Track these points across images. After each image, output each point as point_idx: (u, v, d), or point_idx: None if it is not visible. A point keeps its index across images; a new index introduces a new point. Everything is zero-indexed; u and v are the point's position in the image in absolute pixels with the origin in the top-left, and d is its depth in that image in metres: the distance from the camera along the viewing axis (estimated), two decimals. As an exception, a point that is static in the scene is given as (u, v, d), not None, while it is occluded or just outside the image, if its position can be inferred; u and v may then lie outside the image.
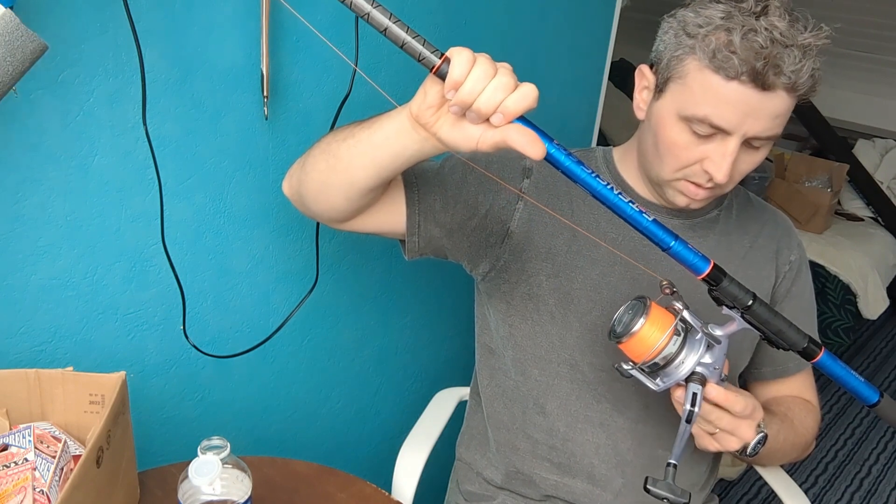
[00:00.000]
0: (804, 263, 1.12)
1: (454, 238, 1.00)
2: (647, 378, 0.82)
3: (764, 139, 0.88)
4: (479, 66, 0.66)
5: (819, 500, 2.45)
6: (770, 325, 0.77)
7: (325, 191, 0.88)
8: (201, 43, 1.00)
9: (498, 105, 0.67)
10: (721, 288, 0.76)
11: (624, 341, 0.80)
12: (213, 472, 0.80)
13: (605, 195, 0.72)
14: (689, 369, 0.79)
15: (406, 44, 0.67)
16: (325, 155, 0.86)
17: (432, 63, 0.67)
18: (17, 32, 0.68)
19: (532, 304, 1.04)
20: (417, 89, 0.73)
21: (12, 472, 0.82)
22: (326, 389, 1.42)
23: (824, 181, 3.37)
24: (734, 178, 0.93)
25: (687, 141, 0.89)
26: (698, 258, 0.74)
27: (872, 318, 3.09)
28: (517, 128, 0.68)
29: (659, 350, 0.79)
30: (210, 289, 1.15)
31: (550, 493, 1.10)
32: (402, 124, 0.77)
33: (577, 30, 1.62)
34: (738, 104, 0.84)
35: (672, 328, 0.78)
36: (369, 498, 1.02)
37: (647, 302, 0.80)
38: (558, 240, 1.02)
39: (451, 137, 0.73)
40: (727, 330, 0.80)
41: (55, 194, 0.95)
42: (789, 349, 0.79)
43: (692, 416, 0.79)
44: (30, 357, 0.99)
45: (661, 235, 0.74)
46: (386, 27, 0.66)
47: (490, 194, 1.00)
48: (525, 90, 0.67)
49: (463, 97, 0.67)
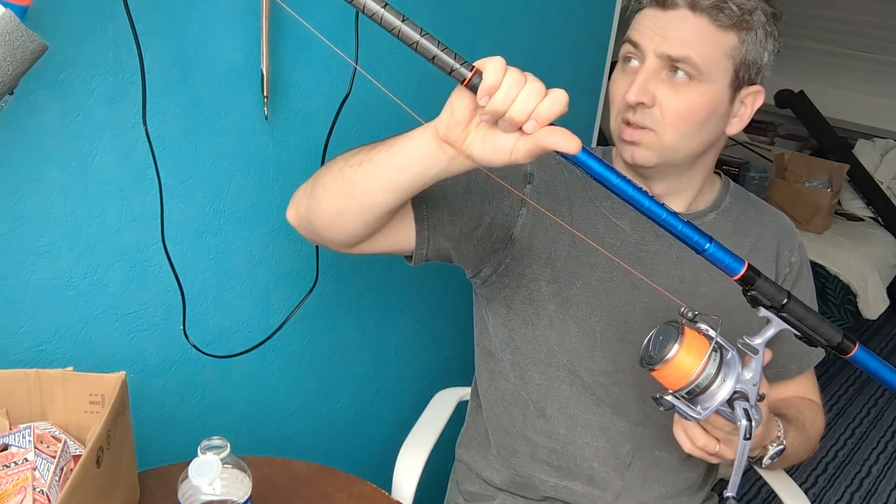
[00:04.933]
0: (805, 265, 1.12)
1: (461, 248, 1.00)
2: (688, 406, 0.77)
3: (681, 65, 0.90)
4: (510, 73, 0.67)
5: (819, 500, 2.44)
6: (807, 322, 0.75)
7: (340, 217, 0.87)
8: (201, 43, 1.00)
9: (531, 112, 0.67)
10: (757, 287, 0.74)
11: (658, 369, 0.75)
12: (213, 472, 0.80)
13: (639, 199, 0.72)
14: (729, 391, 0.75)
15: (437, 57, 0.66)
16: (339, 182, 0.85)
17: (464, 75, 0.67)
18: (17, 32, 0.68)
19: (532, 308, 1.04)
20: (442, 106, 0.72)
21: (12, 472, 0.82)
22: (326, 389, 1.42)
23: (824, 181, 3.36)
24: (666, 119, 0.92)
25: (621, 78, 0.96)
26: (733, 259, 0.73)
27: (872, 318, 3.09)
28: (548, 128, 0.68)
29: (697, 376, 0.74)
30: (210, 289, 1.15)
31: (550, 496, 1.10)
32: (427, 144, 0.75)
33: (577, 30, 1.63)
34: (648, 26, 0.92)
35: (710, 351, 0.75)
36: (369, 498, 1.02)
37: (680, 326, 0.76)
38: (559, 245, 1.02)
39: (483, 152, 0.72)
40: (763, 336, 0.77)
41: (55, 194, 0.95)
42: (827, 346, 0.76)
43: (750, 430, 0.75)
44: (30, 357, 0.99)
45: (697, 238, 0.72)
46: (416, 41, 0.66)
47: (494, 202, 1.00)
48: (557, 95, 0.68)
49: (496, 105, 0.67)
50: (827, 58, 3.65)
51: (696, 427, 0.84)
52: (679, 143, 0.94)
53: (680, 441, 0.86)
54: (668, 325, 0.78)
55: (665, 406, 0.78)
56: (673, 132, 0.93)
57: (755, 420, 0.76)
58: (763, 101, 0.98)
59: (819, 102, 3.58)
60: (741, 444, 0.77)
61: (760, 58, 0.93)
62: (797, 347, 1.11)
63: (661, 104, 0.91)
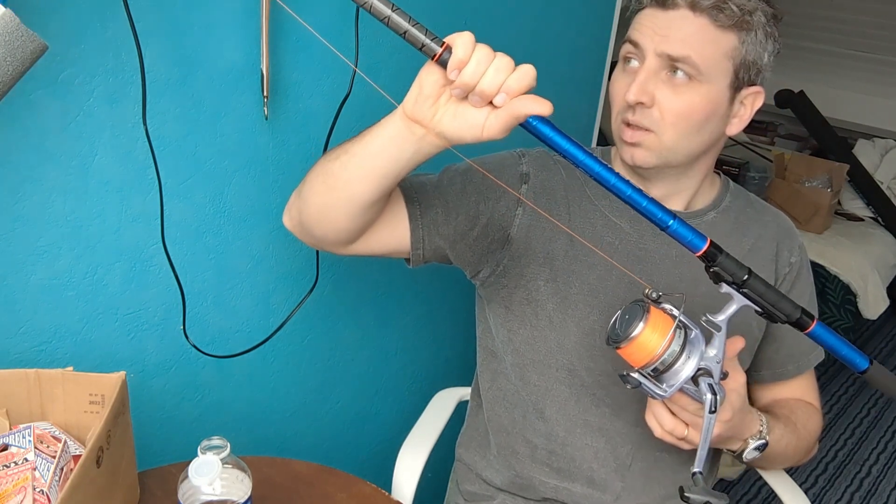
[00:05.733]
0: (805, 265, 1.11)
1: (457, 248, 1.00)
2: (654, 384, 0.80)
3: (681, 65, 0.90)
4: (479, 48, 0.68)
5: (819, 500, 2.45)
6: (767, 297, 0.77)
7: (327, 212, 0.88)
8: (201, 43, 1.00)
9: (501, 84, 0.69)
10: (719, 262, 0.75)
11: (623, 346, 0.78)
12: (213, 472, 0.80)
13: (604, 174, 0.73)
14: (693, 368, 0.78)
15: (408, 32, 0.68)
16: (322, 177, 0.86)
17: (434, 51, 0.68)
18: (17, 32, 0.68)
19: (531, 308, 1.04)
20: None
21: (12, 472, 0.82)
22: (326, 389, 1.42)
23: (824, 181, 3.36)
24: (666, 119, 0.92)
25: (621, 78, 0.96)
26: (696, 236, 0.75)
27: (872, 318, 3.09)
28: (519, 97, 0.70)
29: (662, 352, 0.77)
30: (210, 289, 1.15)
31: (550, 497, 1.10)
32: (397, 128, 0.77)
33: (577, 30, 1.62)
34: (648, 25, 0.92)
35: (673, 329, 0.77)
36: (369, 498, 1.02)
37: (646, 305, 0.79)
38: (556, 244, 1.02)
39: (453, 128, 0.73)
40: (726, 313, 0.79)
41: (55, 194, 0.95)
42: (786, 321, 0.78)
43: (715, 402, 0.77)
44: (30, 357, 0.99)
45: (660, 215, 0.74)
46: (388, 16, 0.67)
47: (490, 202, 1.00)
48: (525, 68, 0.70)
49: (466, 78, 0.68)
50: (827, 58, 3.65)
51: (663, 410, 0.86)
52: (678, 143, 0.94)
53: (651, 426, 0.89)
54: (634, 305, 0.80)
55: (632, 384, 0.80)
56: (672, 132, 0.93)
57: (720, 395, 0.78)
58: (763, 102, 0.98)
59: (819, 102, 3.58)
60: (706, 417, 0.79)
61: (760, 58, 0.93)
62: (795, 348, 1.11)
63: (660, 104, 0.92)
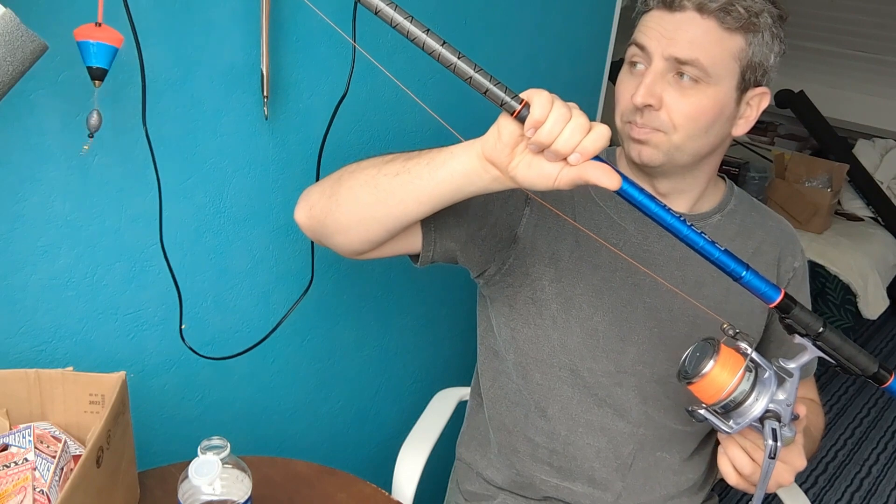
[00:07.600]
0: (806, 270, 1.12)
1: (468, 249, 1.00)
2: (721, 420, 0.80)
3: (688, 68, 0.90)
4: (556, 108, 0.70)
5: (819, 500, 2.44)
6: (842, 351, 0.77)
7: (366, 223, 0.87)
8: (201, 43, 1.00)
9: (576, 146, 0.71)
10: (793, 315, 0.76)
11: (694, 382, 0.79)
12: (213, 472, 0.80)
13: (678, 227, 0.74)
14: (762, 409, 0.78)
15: (489, 91, 0.71)
16: (371, 189, 0.85)
17: (513, 108, 0.71)
18: (17, 32, 0.68)
19: (535, 308, 1.04)
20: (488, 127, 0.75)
21: (12, 472, 0.82)
22: (326, 389, 1.42)
23: (824, 181, 3.37)
24: (674, 121, 0.92)
25: (627, 80, 0.96)
26: (770, 287, 0.75)
27: (872, 318, 3.09)
28: (592, 163, 0.72)
29: (731, 391, 0.78)
30: (209, 289, 1.15)
31: (551, 496, 1.10)
32: (471, 163, 0.78)
33: (577, 30, 1.62)
34: (655, 27, 0.92)
35: (743, 369, 0.78)
36: (369, 498, 1.02)
37: (717, 343, 0.80)
38: (562, 245, 1.02)
39: (527, 177, 0.75)
40: (799, 361, 0.79)
41: (55, 194, 0.95)
42: (862, 375, 0.78)
43: (776, 450, 0.78)
44: (30, 357, 0.99)
45: (734, 266, 0.75)
46: (470, 76, 0.71)
47: (498, 202, 1.00)
48: (600, 130, 0.72)
49: (542, 138, 0.70)
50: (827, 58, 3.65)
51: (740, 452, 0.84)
52: (686, 144, 0.94)
53: (724, 472, 0.86)
54: (705, 342, 0.81)
55: (698, 419, 0.81)
56: (680, 134, 0.93)
57: (781, 441, 0.78)
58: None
59: (819, 102, 3.58)
60: (765, 462, 0.79)
61: (767, 60, 0.93)
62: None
63: (668, 106, 0.91)
